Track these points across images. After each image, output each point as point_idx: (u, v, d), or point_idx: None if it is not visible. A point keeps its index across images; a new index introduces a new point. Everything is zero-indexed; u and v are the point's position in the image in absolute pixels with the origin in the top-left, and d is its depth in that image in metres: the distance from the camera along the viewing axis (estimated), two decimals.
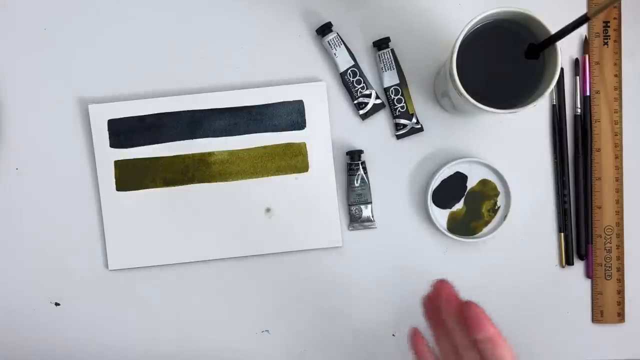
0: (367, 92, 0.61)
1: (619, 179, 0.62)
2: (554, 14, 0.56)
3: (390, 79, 0.61)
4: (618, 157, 0.62)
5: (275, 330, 0.63)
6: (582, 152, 0.62)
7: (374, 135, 0.63)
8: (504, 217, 0.61)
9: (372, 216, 0.62)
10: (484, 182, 0.61)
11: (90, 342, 0.63)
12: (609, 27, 0.62)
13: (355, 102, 0.62)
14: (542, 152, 0.63)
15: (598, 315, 0.63)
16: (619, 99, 0.62)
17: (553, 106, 0.63)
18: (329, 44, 0.60)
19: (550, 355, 0.63)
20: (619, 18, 0.62)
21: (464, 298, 0.45)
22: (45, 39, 0.62)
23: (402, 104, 0.61)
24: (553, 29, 0.49)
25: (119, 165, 0.62)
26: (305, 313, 0.63)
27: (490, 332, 0.42)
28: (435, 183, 0.61)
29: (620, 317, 0.63)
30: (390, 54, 0.61)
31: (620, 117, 0.62)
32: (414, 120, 0.62)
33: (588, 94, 0.62)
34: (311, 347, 0.63)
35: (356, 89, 0.61)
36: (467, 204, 0.61)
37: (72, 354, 0.63)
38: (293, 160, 0.62)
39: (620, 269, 0.62)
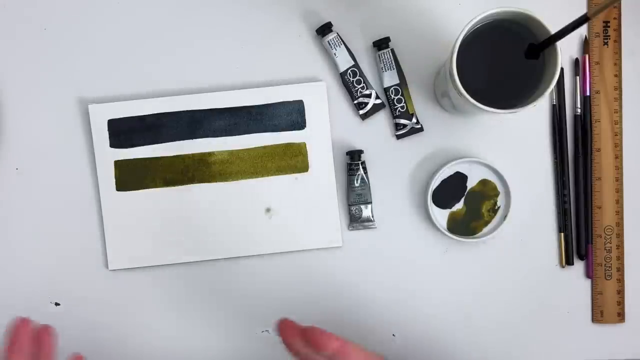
0: (367, 92, 0.61)
1: (619, 179, 0.62)
2: (554, 14, 0.56)
3: (390, 79, 0.61)
4: (618, 157, 0.62)
5: (275, 331, 0.63)
6: (582, 152, 0.62)
7: (374, 135, 0.63)
8: (504, 217, 0.61)
9: (372, 216, 0.62)
10: (484, 182, 0.61)
11: (90, 342, 0.63)
12: (609, 27, 0.62)
13: (355, 102, 0.62)
14: (542, 152, 0.63)
15: (598, 315, 0.63)
16: (619, 99, 0.62)
17: (553, 106, 0.63)
18: (329, 44, 0.60)
19: (550, 355, 0.63)
20: (619, 18, 0.62)
21: (304, 325, 0.48)
22: (45, 39, 0.62)
23: (402, 104, 0.61)
24: (553, 29, 0.49)
25: (119, 165, 0.62)
26: (305, 313, 0.63)
27: (334, 346, 0.45)
28: (435, 183, 0.61)
29: (620, 317, 0.63)
30: (390, 54, 0.61)
31: (620, 117, 0.62)
32: (414, 120, 0.62)
33: (588, 94, 0.62)
34: None
35: (356, 89, 0.61)
36: (467, 204, 0.61)
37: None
38: (293, 160, 0.62)
39: (620, 269, 0.62)
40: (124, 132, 0.61)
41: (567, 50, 0.62)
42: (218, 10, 0.62)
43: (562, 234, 0.63)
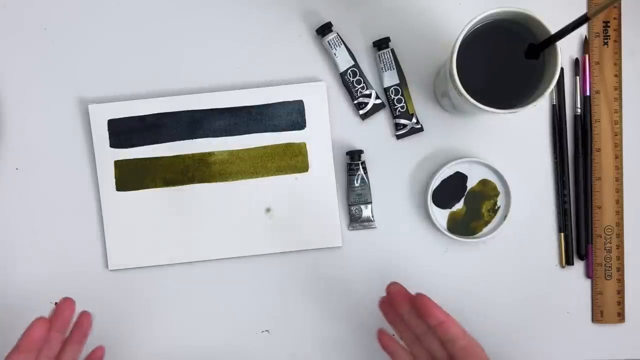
0: (367, 92, 0.61)
1: (619, 179, 0.62)
2: (554, 14, 0.56)
3: (390, 79, 0.61)
4: (618, 157, 0.62)
5: (275, 330, 0.63)
6: (582, 152, 0.62)
7: (374, 135, 0.63)
8: (504, 217, 0.61)
9: (372, 216, 0.62)
10: (484, 182, 0.61)
11: (90, 342, 0.63)
12: (609, 27, 0.62)
13: (355, 102, 0.62)
14: (542, 152, 0.63)
15: (598, 315, 0.63)
16: (619, 99, 0.62)
17: (553, 106, 0.63)
18: (329, 44, 0.60)
19: (550, 355, 0.63)
20: (619, 18, 0.62)
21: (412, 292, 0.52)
22: (45, 39, 0.62)
23: (402, 104, 0.61)
24: (553, 29, 0.49)
25: (119, 165, 0.62)
26: (305, 313, 0.63)
27: (439, 317, 0.49)
28: (435, 183, 0.61)
29: (620, 317, 0.63)
30: (390, 54, 0.61)
31: (620, 117, 0.62)
32: (414, 120, 0.62)
33: (588, 94, 0.62)
34: (311, 347, 0.63)
35: (356, 89, 0.61)
36: (467, 204, 0.61)
37: None
38: (293, 160, 0.62)
39: (620, 269, 0.62)
40: (124, 132, 0.61)
41: (567, 50, 0.62)
42: (218, 10, 0.62)
43: (562, 234, 0.63)
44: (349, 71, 0.61)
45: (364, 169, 0.61)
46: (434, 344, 0.51)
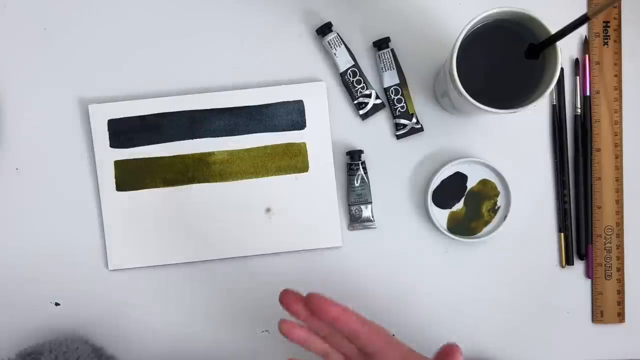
0: (367, 92, 0.61)
1: (619, 179, 0.62)
2: (554, 14, 0.56)
3: (390, 79, 0.61)
4: (618, 157, 0.62)
5: (275, 330, 0.63)
6: (582, 152, 0.62)
7: (374, 135, 0.63)
8: (504, 217, 0.61)
9: (372, 216, 0.62)
10: (484, 182, 0.61)
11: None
12: (609, 27, 0.62)
13: (355, 102, 0.62)
14: (542, 152, 0.63)
15: (598, 315, 0.63)
16: (619, 99, 0.62)
17: (553, 106, 0.63)
18: (329, 44, 0.60)
19: (550, 355, 0.63)
20: (619, 18, 0.62)
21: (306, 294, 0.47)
22: (45, 39, 0.62)
23: (402, 104, 0.61)
24: (553, 29, 0.49)
25: (119, 165, 0.62)
26: None
27: (333, 313, 0.45)
28: (435, 183, 0.61)
29: (620, 317, 0.63)
30: (390, 54, 0.61)
31: (620, 117, 0.62)
32: (414, 120, 0.62)
33: (588, 94, 0.62)
34: None
35: (356, 89, 0.61)
36: (467, 204, 0.61)
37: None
38: (293, 160, 0.62)
39: (620, 269, 0.62)
40: (124, 132, 0.61)
41: (567, 50, 0.62)
42: (218, 11, 0.62)
43: (562, 234, 0.63)
44: (349, 71, 0.61)
45: (364, 169, 0.61)
46: (342, 342, 0.49)
